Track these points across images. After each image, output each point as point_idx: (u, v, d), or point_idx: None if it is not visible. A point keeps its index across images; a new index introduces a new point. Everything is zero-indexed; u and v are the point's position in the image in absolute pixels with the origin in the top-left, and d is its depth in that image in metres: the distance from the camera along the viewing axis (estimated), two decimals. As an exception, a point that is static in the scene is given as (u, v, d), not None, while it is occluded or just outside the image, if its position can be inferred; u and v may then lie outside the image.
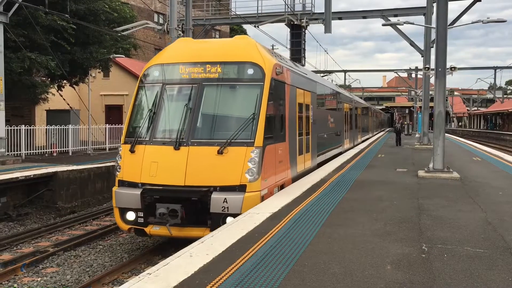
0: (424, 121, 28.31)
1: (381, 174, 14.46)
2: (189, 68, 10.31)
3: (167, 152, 9.60)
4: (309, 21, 27.83)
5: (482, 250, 6.31)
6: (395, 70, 55.45)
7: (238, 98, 10.35)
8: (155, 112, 10.20)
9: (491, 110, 78.20)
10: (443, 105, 14.15)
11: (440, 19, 14.11)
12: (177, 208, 9.00)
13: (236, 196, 9.06)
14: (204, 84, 10.09)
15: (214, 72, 10.13)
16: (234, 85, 10.27)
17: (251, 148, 9.41)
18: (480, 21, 18.10)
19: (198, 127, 9.88)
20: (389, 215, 8.43)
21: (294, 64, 14.55)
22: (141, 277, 5.15)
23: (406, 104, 72.59)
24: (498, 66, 58.26)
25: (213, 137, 9.70)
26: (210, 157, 9.37)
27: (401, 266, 5.61)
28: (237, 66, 10.26)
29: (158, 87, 10.47)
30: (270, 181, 10.06)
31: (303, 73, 14.82)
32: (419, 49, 27.07)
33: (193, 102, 9.95)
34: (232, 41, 11.55)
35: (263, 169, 9.53)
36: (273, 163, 10.31)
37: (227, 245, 6.34)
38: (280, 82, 10.94)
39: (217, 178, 9.25)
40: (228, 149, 9.37)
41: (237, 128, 9.61)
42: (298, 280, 5.11)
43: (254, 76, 10.06)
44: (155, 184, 9.45)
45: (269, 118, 10.03)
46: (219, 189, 9.17)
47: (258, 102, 9.84)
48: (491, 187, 11.78)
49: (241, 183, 9.23)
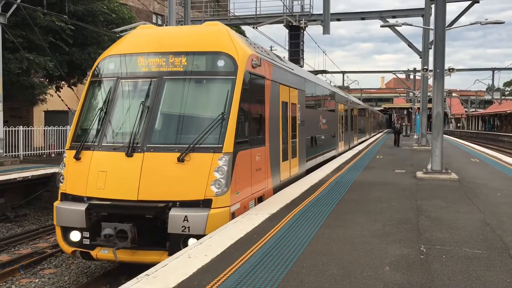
0: (422, 122, 28.33)
1: (380, 175, 14.47)
2: (149, 59, 8.85)
3: (118, 159, 8.16)
4: (308, 22, 27.91)
5: (481, 251, 6.31)
6: (394, 72, 55.64)
7: (205, 95, 8.82)
8: (106, 111, 8.76)
9: (489, 111, 78.36)
10: (442, 107, 14.17)
11: (438, 21, 14.14)
12: (126, 229, 7.57)
13: (199, 214, 7.61)
14: (166, 78, 8.66)
15: (178, 64, 8.70)
16: (200, 79, 8.75)
17: (219, 155, 7.97)
18: (478, 23, 18.13)
19: (156, 130, 8.43)
20: (387, 216, 8.44)
21: (279, 58, 13.04)
22: (139, 278, 5.14)
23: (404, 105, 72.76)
24: (496, 68, 58.58)
25: (174, 142, 8.28)
26: (169, 165, 7.94)
27: (400, 267, 5.61)
28: (205, 56, 8.77)
29: (112, 82, 9.00)
30: (243, 193, 8.63)
31: (290, 68, 13.27)
32: (417, 51, 27.10)
33: (151, 100, 8.51)
34: (201, 28, 10.02)
35: (234, 180, 8.11)
36: (248, 171, 8.89)
37: (226, 246, 6.33)
38: (257, 77, 9.54)
39: (177, 192, 7.82)
40: (190, 156, 7.92)
41: (202, 130, 8.16)
42: (297, 281, 5.11)
43: (225, 68, 8.61)
44: (103, 199, 7.99)
45: (242, 118, 8.67)
46: (179, 205, 7.75)
47: (229, 99, 8.38)
48: (489, 188, 11.79)
49: (206, 198, 7.76)
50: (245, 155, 8.71)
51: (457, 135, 67.12)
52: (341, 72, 58.86)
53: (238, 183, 8.29)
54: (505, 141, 51.10)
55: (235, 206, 8.20)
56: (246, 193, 8.80)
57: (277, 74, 11.18)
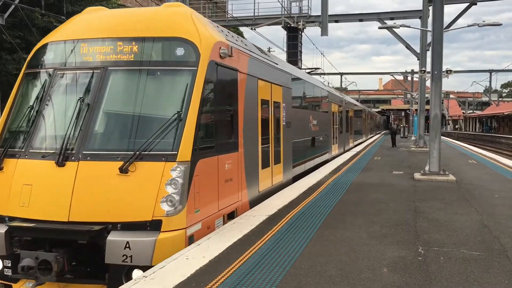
0: (420, 123, 28.42)
1: (378, 176, 14.48)
2: (93, 46, 7.28)
3: (46, 169, 6.58)
4: (306, 23, 28.00)
5: (478, 252, 6.33)
6: (391, 73, 55.78)
7: (159, 90, 7.18)
8: (38, 110, 7.19)
9: (487, 113, 78.58)
10: (439, 108, 14.22)
11: (436, 22, 14.19)
12: (50, 259, 6.01)
13: (144, 239, 6.10)
14: (111, 70, 7.09)
15: (128, 52, 7.15)
16: (154, 70, 7.15)
17: (172, 164, 6.44)
18: (476, 25, 18.18)
19: (96, 133, 6.86)
20: (385, 217, 8.45)
21: (260, 50, 11.34)
22: (137, 280, 5.14)
23: (402, 107, 72.93)
24: (494, 69, 58.63)
25: (117, 147, 6.72)
26: (110, 177, 6.42)
27: (398, 268, 5.62)
28: (161, 43, 7.25)
29: (47, 74, 7.45)
30: (206, 210, 7.12)
31: (273, 62, 11.63)
32: (415, 52, 27.18)
33: (92, 96, 6.95)
34: (159, 10, 8.14)
35: (193, 195, 6.62)
36: (213, 183, 7.41)
37: (224, 247, 6.33)
38: (227, 69, 8.08)
39: (119, 211, 6.29)
40: (136, 166, 6.40)
41: (153, 133, 6.62)
42: (295, 282, 5.11)
43: (184, 57, 7.11)
44: (26, 219, 6.43)
45: (206, 119, 7.31)
46: (121, 228, 6.24)
47: (188, 95, 6.90)
48: (487, 190, 11.82)
49: (155, 218, 6.24)
50: (209, 163, 7.23)
51: (454, 137, 67.27)
52: (339, 74, 58.98)
53: (199, 198, 6.80)
54: (502, 142, 51.23)
55: (194, 228, 6.67)
56: (211, 209, 7.30)
57: (255, 68, 9.71)
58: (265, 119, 10.32)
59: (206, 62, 7.19)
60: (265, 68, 10.55)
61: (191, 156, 6.64)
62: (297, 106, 14.10)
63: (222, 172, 7.74)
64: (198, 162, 6.82)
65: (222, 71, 7.83)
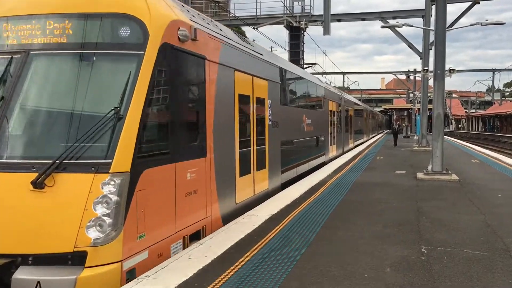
0: (422, 123, 28.37)
1: (380, 176, 14.46)
2: (17, 25, 5.82)
3: None
4: (308, 23, 27.98)
5: (482, 252, 6.30)
6: (394, 72, 55.68)
7: (94, 80, 5.66)
8: None
9: (489, 112, 78.40)
10: (442, 107, 14.19)
11: (438, 21, 14.14)
12: None
13: (60, 279, 4.76)
14: (34, 54, 5.69)
15: (59, 33, 5.70)
16: (88, 55, 5.68)
17: (103, 176, 5.06)
18: (479, 24, 18.15)
19: (9, 135, 5.43)
20: (388, 217, 8.43)
21: (240, 38, 9.86)
22: (140, 280, 5.12)
23: (405, 106, 72.79)
24: (496, 69, 58.61)
25: (33, 154, 5.30)
26: (20, 194, 5.04)
27: (401, 268, 5.60)
28: (99, 21, 5.76)
29: None
30: (156, 234, 5.71)
31: (256, 52, 10.21)
32: (417, 51, 27.13)
33: (7, 87, 5.58)
34: None
35: (134, 215, 5.22)
36: (168, 198, 6.02)
37: (226, 247, 6.31)
38: (191, 56, 6.66)
39: (31, 239, 4.94)
40: (55, 179, 5.02)
41: (81, 136, 5.21)
42: (298, 282, 5.09)
43: (129, 39, 5.68)
44: None
45: (157, 117, 5.97)
46: (33, 261, 4.91)
47: (130, 87, 5.46)
48: (490, 189, 11.78)
49: (77, 249, 4.89)
50: (161, 173, 5.83)
51: (457, 136, 67.17)
52: (341, 73, 58.96)
53: (144, 219, 5.41)
54: (505, 142, 51.08)
55: (135, 259, 5.28)
56: (164, 232, 5.91)
57: (232, 57, 8.35)
58: (244, 117, 9.03)
59: (157, 44, 5.78)
60: (245, 58, 9.15)
61: (132, 165, 5.21)
62: (287, 103, 12.85)
63: (182, 184, 6.35)
64: (144, 173, 5.41)
65: (182, 57, 6.42)
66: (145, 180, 5.44)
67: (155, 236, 5.69)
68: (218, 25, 8.64)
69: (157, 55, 5.77)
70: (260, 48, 11.57)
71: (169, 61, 6.06)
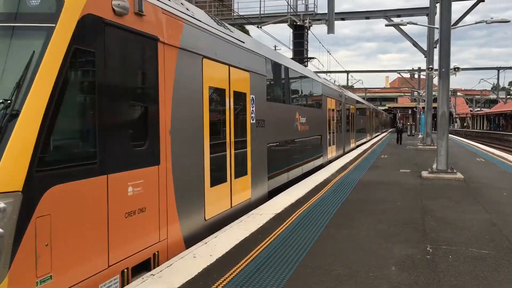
0: (427, 121, 28.30)
1: (385, 175, 14.43)
2: None
3: None
4: (312, 21, 27.92)
5: (487, 251, 6.27)
6: (398, 71, 55.52)
7: None
8: None
9: (494, 110, 78.05)
10: (447, 106, 14.14)
11: (443, 20, 14.09)
12: None
13: None
14: None
15: None
16: None
17: None
18: (484, 22, 18.05)
19: None
20: (393, 216, 8.40)
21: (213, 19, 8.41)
22: (144, 278, 5.13)
23: (409, 105, 72.61)
24: (501, 67, 58.35)
25: None
26: None
27: (406, 267, 5.58)
28: None
29: None
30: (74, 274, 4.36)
31: (236, 38, 8.83)
32: (422, 50, 27.05)
33: None
34: None
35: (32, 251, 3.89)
36: (95, 223, 4.64)
37: (231, 246, 6.31)
38: (134, 34, 5.30)
39: None
40: None
41: None
42: (302, 281, 5.08)
43: (37, 8, 4.34)
44: None
45: (77, 113, 4.60)
46: None
47: (31, 72, 4.07)
48: (495, 188, 11.73)
49: None
50: (80, 191, 4.44)
51: (462, 135, 66.93)
52: (345, 72, 58.83)
53: (50, 256, 4.07)
54: (511, 140, 50.86)
55: None
56: (88, 269, 4.56)
57: (198, 40, 7.01)
58: (217, 115, 7.79)
59: (75, 16, 4.40)
60: (218, 44, 7.75)
61: (27, 181, 3.82)
62: (275, 99, 11.37)
63: (120, 201, 5.02)
64: (48, 192, 4.03)
65: (118, 35, 5.02)
66: (51, 202, 4.05)
67: (71, 277, 4.32)
68: (184, 3, 7.17)
69: (76, 30, 4.37)
70: (243, 35, 9.90)
71: (96, 39, 4.67)
